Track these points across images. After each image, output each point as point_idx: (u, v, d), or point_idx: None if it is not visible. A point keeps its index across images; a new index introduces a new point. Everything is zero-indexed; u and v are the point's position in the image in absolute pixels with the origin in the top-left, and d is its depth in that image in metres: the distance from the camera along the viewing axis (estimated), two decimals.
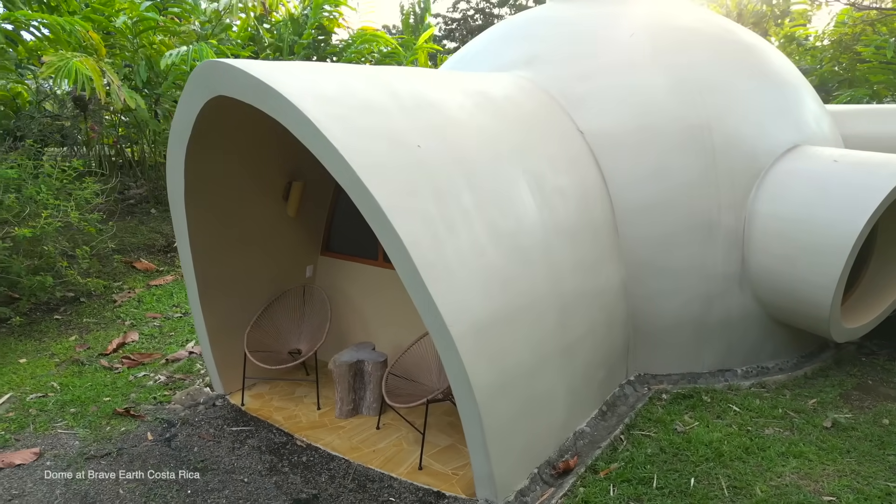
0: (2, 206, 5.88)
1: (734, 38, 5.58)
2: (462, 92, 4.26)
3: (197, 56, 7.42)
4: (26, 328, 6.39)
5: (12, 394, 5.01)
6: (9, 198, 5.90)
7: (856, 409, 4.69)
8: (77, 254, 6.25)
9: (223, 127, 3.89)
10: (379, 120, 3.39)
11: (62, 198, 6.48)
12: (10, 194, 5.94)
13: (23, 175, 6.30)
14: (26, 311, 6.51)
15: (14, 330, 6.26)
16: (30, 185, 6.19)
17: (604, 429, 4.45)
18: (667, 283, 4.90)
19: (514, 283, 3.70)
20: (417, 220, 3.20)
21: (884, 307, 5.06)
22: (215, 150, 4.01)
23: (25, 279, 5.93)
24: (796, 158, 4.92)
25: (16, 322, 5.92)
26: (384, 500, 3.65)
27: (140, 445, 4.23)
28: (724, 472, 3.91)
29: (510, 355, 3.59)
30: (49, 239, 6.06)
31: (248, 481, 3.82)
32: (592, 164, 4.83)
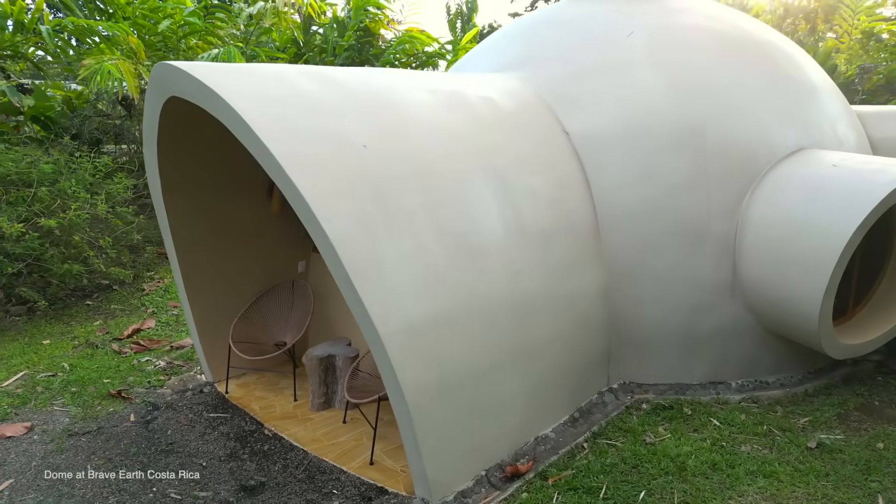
0: (35, 198, 6.36)
1: (743, 37, 5.33)
2: (432, 92, 4.28)
3: (225, 58, 7.77)
4: (59, 312, 6.88)
5: (26, 372, 5.41)
6: (41, 191, 6.38)
7: (851, 431, 4.39)
8: (101, 244, 6.67)
9: (194, 127, 4.07)
10: (324, 121, 3.47)
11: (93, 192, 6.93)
12: (43, 188, 6.42)
13: (59, 170, 6.79)
14: (62, 296, 7.01)
15: (47, 313, 6.76)
16: (63, 180, 6.67)
17: (570, 435, 4.36)
18: (652, 291, 4.74)
19: (463, 284, 3.69)
20: (350, 219, 3.26)
21: (891, 325, 4.70)
22: (187, 149, 4.20)
23: (56, 267, 6.38)
24: (796, 162, 4.66)
25: (42, 306, 6.39)
26: (327, 491, 3.73)
27: (121, 426, 4.49)
28: (681, 487, 3.76)
29: (453, 356, 3.58)
30: (77, 230, 6.50)
31: (205, 465, 3.99)
32: (575, 167, 4.74)
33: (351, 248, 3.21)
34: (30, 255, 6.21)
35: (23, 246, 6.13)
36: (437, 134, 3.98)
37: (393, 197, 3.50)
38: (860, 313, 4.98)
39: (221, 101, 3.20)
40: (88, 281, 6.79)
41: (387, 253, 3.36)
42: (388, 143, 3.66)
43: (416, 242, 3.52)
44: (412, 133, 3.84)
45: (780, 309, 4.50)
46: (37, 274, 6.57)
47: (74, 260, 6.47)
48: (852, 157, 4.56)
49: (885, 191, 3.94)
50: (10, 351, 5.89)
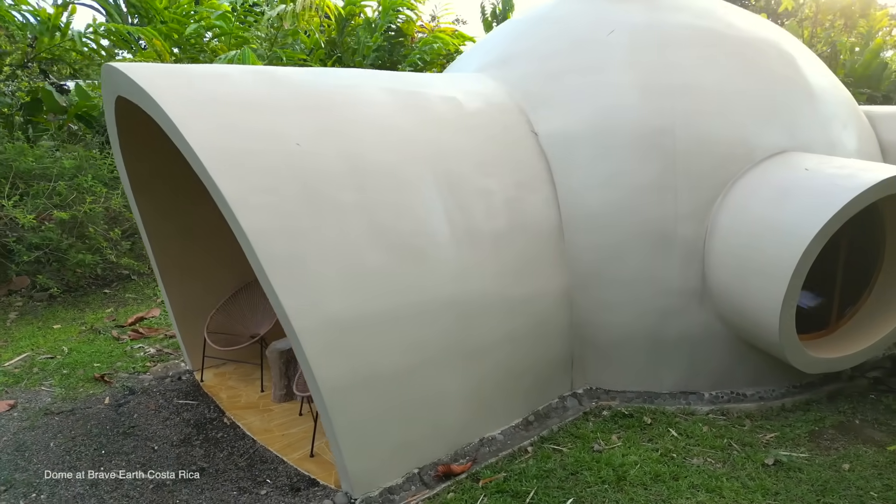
0: (54, 192, 6.79)
1: (734, 35, 5.10)
2: (389, 92, 4.32)
3: (241, 59, 8.05)
4: (77, 299, 7.31)
5: (29, 353, 5.79)
6: (60, 185, 6.81)
7: (819, 450, 4.17)
8: (112, 236, 7.05)
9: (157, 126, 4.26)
10: (257, 119, 3.56)
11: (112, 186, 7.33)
12: (62, 182, 6.84)
13: (80, 166, 7.22)
14: (84, 284, 7.44)
15: (66, 300, 7.19)
16: (81, 176, 7.08)
17: (519, 438, 4.31)
18: (617, 295, 4.63)
19: (398, 282, 3.72)
20: (271, 215, 3.34)
21: (872, 341, 4.42)
22: (153, 148, 4.39)
23: (71, 256, 6.79)
24: (772, 166, 4.45)
25: (55, 292, 6.80)
26: (261, 480, 3.84)
27: (94, 407, 4.74)
28: (614, 496, 3.67)
29: (382, 353, 3.62)
30: (92, 222, 6.89)
31: (157, 449, 4.18)
32: (539, 167, 4.68)
33: (268, 244, 3.29)
34: (47, 244, 6.64)
35: (40, 236, 6.55)
36: (385, 133, 4.02)
37: (324, 195, 3.57)
38: (845, 326, 4.70)
39: (151, 99, 3.34)
40: (102, 271, 7.19)
41: (310, 250, 3.43)
42: (326, 142, 3.72)
43: (345, 240, 3.57)
44: (356, 132, 3.89)
45: (745, 318, 4.31)
46: (56, 263, 7.00)
47: (89, 251, 6.86)
48: (831, 161, 4.31)
49: (848, 197, 3.72)
50: (22, 333, 6.31)
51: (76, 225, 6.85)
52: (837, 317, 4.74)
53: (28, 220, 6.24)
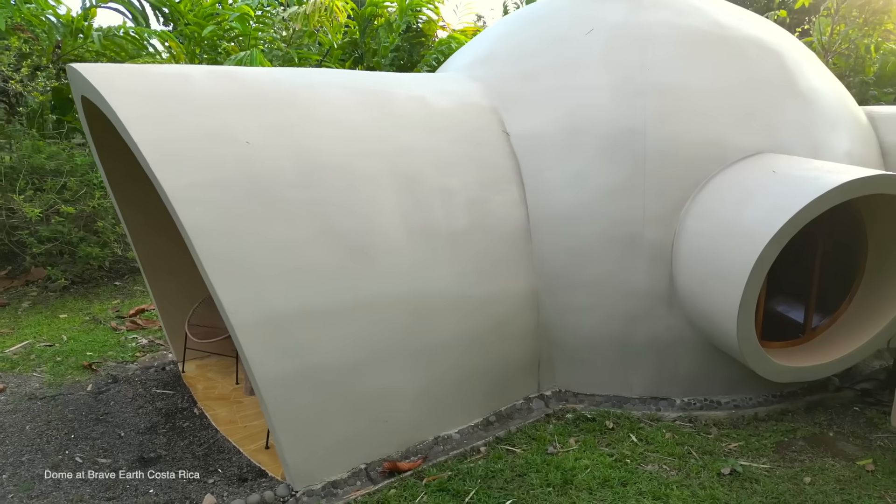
0: (65, 187, 7.11)
1: (717, 33, 4.95)
2: (352, 92, 4.37)
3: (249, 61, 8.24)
4: (88, 290, 7.62)
5: (30, 341, 6.07)
6: (71, 181, 7.12)
7: (783, 461, 4.03)
8: (118, 230, 7.33)
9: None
10: (207, 118, 3.66)
11: None
12: (72, 178, 7.15)
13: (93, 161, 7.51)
14: (98, 276, 7.76)
15: (78, 291, 7.51)
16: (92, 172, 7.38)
17: (476, 438, 4.31)
18: (584, 297, 4.58)
19: (346, 280, 3.76)
20: (213, 212, 3.42)
21: (848, 350, 4.25)
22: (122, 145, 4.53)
23: (80, 249, 7.09)
24: (742, 168, 4.32)
25: (62, 283, 7.11)
26: (212, 469, 3.95)
27: (76, 394, 4.95)
28: (557, 500, 3.64)
29: (325, 350, 3.67)
30: (99, 217, 7.18)
31: (123, 435, 4.33)
32: (508, 167, 4.66)
33: (209, 240, 3.38)
34: (57, 238, 6.96)
35: (50, 229, 6.87)
36: (341, 132, 4.07)
37: (270, 192, 3.64)
38: (823, 334, 4.53)
39: (102, 98, 3.48)
40: (112, 264, 7.48)
41: (252, 246, 3.50)
42: (277, 140, 3.79)
43: (291, 237, 3.63)
44: (310, 131, 3.96)
45: (709, 324, 4.20)
46: (68, 255, 7.32)
47: (98, 244, 7.16)
48: (803, 163, 4.16)
49: (805, 201, 3.58)
50: (29, 321, 6.61)
51: (85, 219, 7.15)
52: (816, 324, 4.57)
53: (34, 214, 6.55)
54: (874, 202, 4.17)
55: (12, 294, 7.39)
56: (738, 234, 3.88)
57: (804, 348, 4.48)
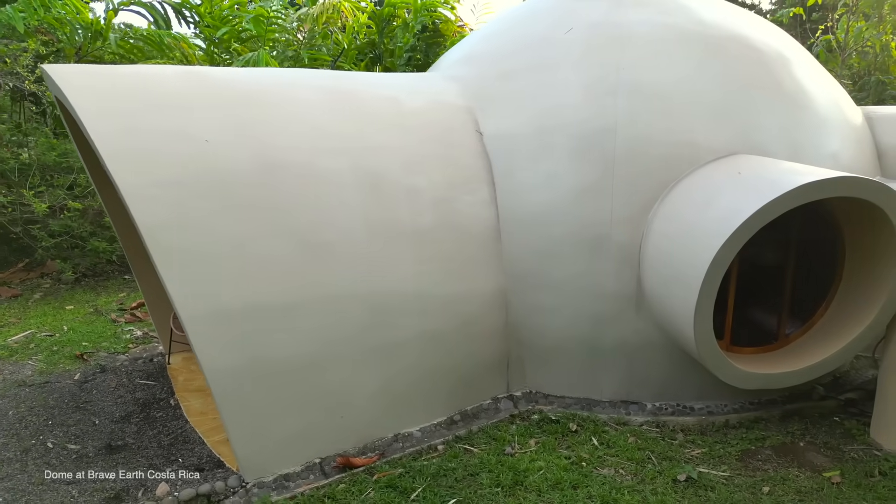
0: (75, 184, 7.38)
1: (699, 31, 4.84)
2: (321, 91, 4.44)
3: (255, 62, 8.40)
4: (98, 283, 7.90)
5: (33, 330, 6.32)
6: (81, 177, 7.39)
7: (746, 470, 3.94)
8: None
9: None
10: (168, 117, 3.75)
11: None
12: (83, 175, 7.42)
13: None
14: (110, 270, 8.04)
15: (89, 283, 7.79)
16: None
17: (438, 436, 4.32)
18: (552, 298, 4.55)
19: (300, 276, 3.83)
20: (167, 207, 3.52)
21: (819, 358, 4.11)
22: None
23: (89, 244, 7.36)
24: (711, 170, 4.23)
25: (69, 276, 7.38)
26: (173, 459, 4.05)
27: (63, 382, 5.14)
28: (503, 500, 3.63)
29: (278, 344, 3.73)
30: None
31: (97, 423, 4.49)
32: (479, 167, 4.66)
33: (161, 235, 3.48)
34: (67, 232, 7.24)
35: (59, 224, 7.15)
36: (306, 131, 4.14)
37: (227, 189, 3.72)
38: (798, 341, 4.40)
39: (65, 97, 3.61)
40: (119, 258, 7.73)
41: (205, 241, 3.59)
42: (237, 138, 3.87)
43: (245, 233, 3.71)
44: (273, 129, 4.03)
45: (672, 327, 4.13)
46: (78, 249, 7.61)
47: (104, 239, 7.42)
48: (773, 165, 4.05)
49: (759, 204, 3.49)
50: (36, 312, 6.89)
51: (94, 215, 7.41)
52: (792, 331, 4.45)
53: (42, 209, 6.83)
54: (849, 206, 4.03)
55: (27, 285, 7.71)
56: (696, 236, 3.81)
57: (776, 355, 4.36)
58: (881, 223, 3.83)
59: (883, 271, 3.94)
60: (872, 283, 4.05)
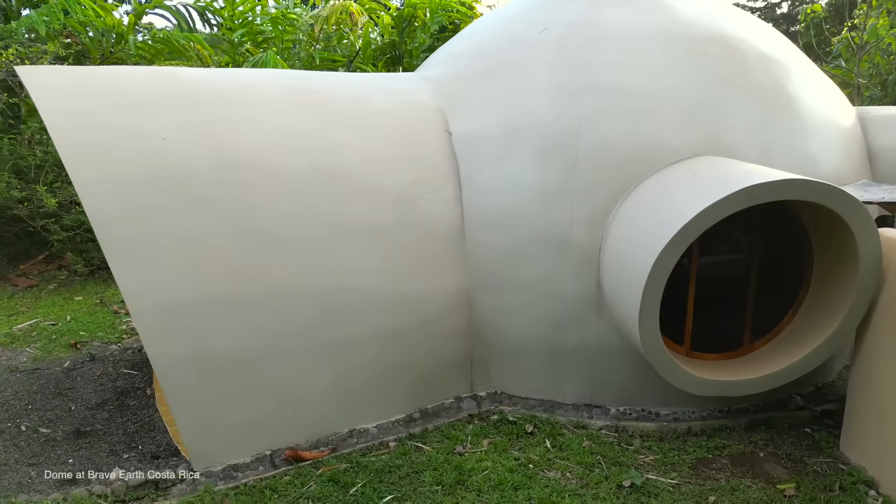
0: None
1: (677, 30, 4.74)
2: (286, 91, 4.53)
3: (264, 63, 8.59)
4: (110, 275, 8.20)
5: (39, 319, 6.62)
6: None
7: (697, 479, 3.86)
8: None
9: None
10: (127, 116, 3.89)
11: None
12: None
13: None
14: None
15: (102, 276, 8.12)
16: None
17: (394, 433, 4.37)
18: (514, 299, 4.53)
19: (252, 271, 3.91)
20: (120, 202, 3.66)
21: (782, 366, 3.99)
22: None
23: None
24: (672, 171, 4.14)
25: (79, 268, 7.70)
26: (133, 446, 4.21)
27: (52, 369, 5.38)
28: (441, 499, 3.65)
29: (227, 337, 3.84)
30: None
31: (73, 409, 4.69)
32: (446, 167, 4.68)
33: (112, 228, 3.62)
34: (78, 226, 7.56)
35: (71, 218, 7.47)
36: (267, 129, 4.22)
37: (181, 186, 3.84)
38: (762, 349, 4.27)
39: (32, 97, 3.80)
40: None
41: (156, 236, 3.71)
42: (195, 137, 3.99)
43: (198, 229, 3.82)
44: (233, 129, 4.13)
45: (625, 331, 4.07)
46: (92, 242, 7.93)
47: None
48: (732, 166, 3.95)
49: (700, 207, 3.40)
50: (46, 302, 7.22)
51: None
52: (752, 337, 4.32)
53: (52, 204, 7.16)
54: (813, 210, 3.89)
55: (44, 277, 8.09)
56: (643, 238, 3.74)
57: (739, 362, 4.25)
58: (843, 227, 3.69)
59: (846, 278, 3.79)
60: (837, 290, 3.91)
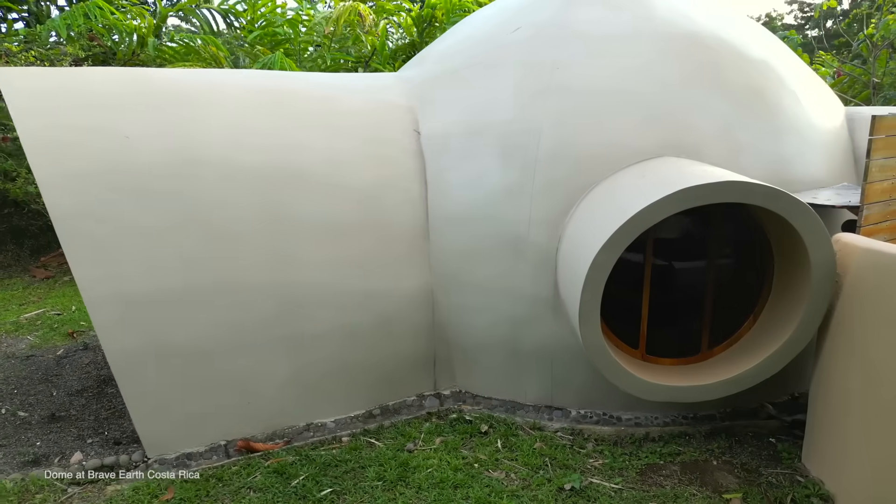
0: None
1: (650, 29, 4.64)
2: (253, 92, 4.63)
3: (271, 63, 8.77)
4: None
5: (45, 309, 6.94)
6: None
7: (642, 485, 3.80)
8: None
9: None
10: (92, 115, 4.04)
11: None
12: None
13: None
14: None
15: None
16: None
17: (351, 428, 4.43)
18: (474, 299, 4.55)
19: (207, 266, 4.02)
20: (77, 196, 3.80)
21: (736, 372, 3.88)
22: None
23: None
24: (627, 172, 4.08)
25: None
26: (101, 432, 4.39)
27: (46, 356, 5.65)
28: (379, 494, 3.69)
29: (180, 329, 3.95)
30: None
31: (55, 395, 4.91)
32: (411, 167, 4.71)
33: (71, 223, 3.78)
34: None
35: None
36: (229, 128, 4.33)
37: (139, 183, 3.98)
38: (721, 354, 4.17)
39: (4, 97, 4.00)
40: None
41: (113, 231, 3.86)
42: (159, 136, 4.12)
43: (154, 224, 3.95)
44: (196, 127, 4.25)
45: (575, 332, 4.02)
46: None
47: None
48: (685, 167, 3.86)
49: (635, 209, 3.35)
50: (57, 293, 7.56)
51: None
52: (711, 343, 4.22)
53: None
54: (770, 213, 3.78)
55: (61, 269, 8.46)
56: (587, 240, 3.70)
57: (696, 367, 4.15)
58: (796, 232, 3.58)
59: (802, 283, 3.67)
60: (794, 296, 3.78)
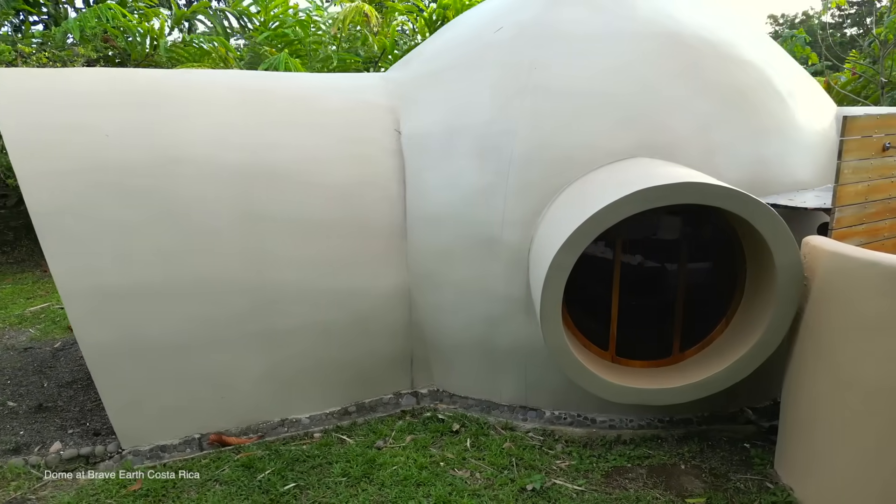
0: None
1: (631, 29, 4.60)
2: (234, 91, 4.70)
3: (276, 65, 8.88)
4: None
5: (51, 304, 7.14)
6: None
7: (606, 487, 3.78)
8: None
9: None
10: (74, 114, 4.14)
11: None
12: None
13: None
14: None
15: None
16: None
17: (326, 424, 4.49)
18: (449, 298, 4.56)
19: (182, 263, 4.10)
20: (56, 193, 3.91)
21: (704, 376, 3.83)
22: None
23: None
24: (598, 173, 4.06)
25: None
26: (83, 422, 4.51)
27: (43, 349, 5.82)
28: (341, 490, 3.74)
29: (155, 324, 4.04)
30: None
31: (46, 386, 5.06)
32: (390, 166, 4.75)
33: (49, 218, 3.89)
34: None
35: None
36: (208, 127, 4.41)
37: (118, 180, 4.07)
38: (692, 357, 4.12)
39: None
40: None
41: (90, 226, 3.96)
42: (140, 134, 4.21)
43: (131, 220, 4.04)
44: (176, 127, 4.33)
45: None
46: None
47: None
48: (650, 168, 3.83)
49: (592, 209, 3.33)
50: None
51: None
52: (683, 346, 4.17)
53: None
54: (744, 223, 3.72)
55: None
56: (549, 242, 3.69)
57: (666, 370, 4.11)
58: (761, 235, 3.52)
59: (769, 288, 3.61)
60: (764, 299, 3.72)
